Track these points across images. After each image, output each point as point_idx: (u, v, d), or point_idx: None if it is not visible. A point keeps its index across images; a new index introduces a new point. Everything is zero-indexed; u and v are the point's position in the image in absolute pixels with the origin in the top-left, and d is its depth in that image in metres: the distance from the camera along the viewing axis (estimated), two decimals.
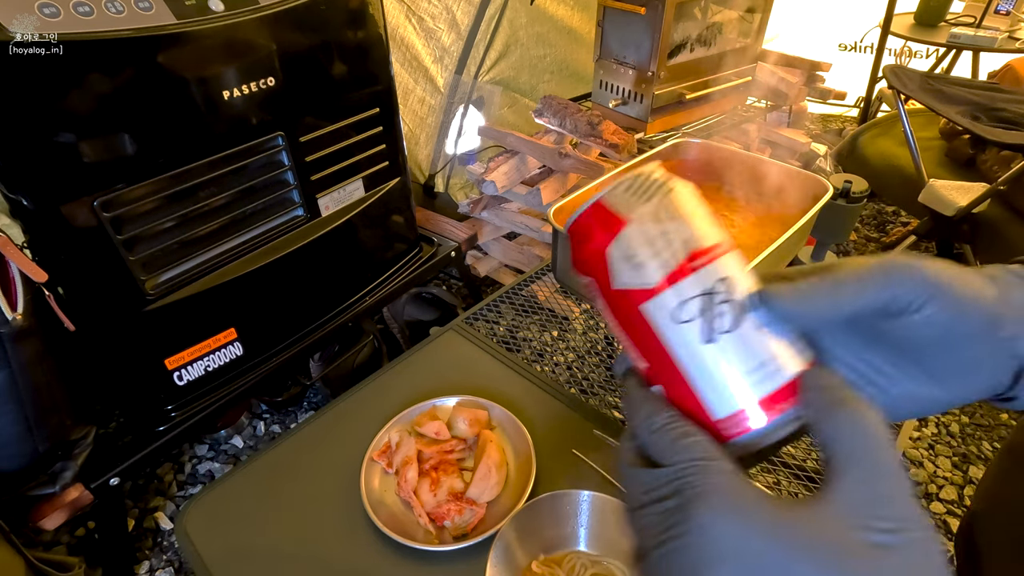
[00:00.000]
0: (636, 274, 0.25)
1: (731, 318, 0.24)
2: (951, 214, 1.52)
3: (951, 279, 0.26)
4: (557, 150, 1.44)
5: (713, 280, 0.25)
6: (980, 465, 1.37)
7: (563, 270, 0.69)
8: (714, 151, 0.82)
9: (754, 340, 0.25)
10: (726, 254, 0.25)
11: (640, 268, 0.25)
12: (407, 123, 1.78)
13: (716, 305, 0.24)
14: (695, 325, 0.24)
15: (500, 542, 0.52)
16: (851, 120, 2.84)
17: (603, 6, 1.47)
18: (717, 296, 0.24)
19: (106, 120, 0.79)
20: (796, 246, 0.69)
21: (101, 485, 0.95)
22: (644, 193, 0.26)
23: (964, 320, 0.26)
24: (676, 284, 0.25)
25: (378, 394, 0.74)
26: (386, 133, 1.17)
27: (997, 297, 0.27)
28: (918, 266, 0.26)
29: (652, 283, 0.25)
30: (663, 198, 0.25)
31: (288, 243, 1.06)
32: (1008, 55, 2.01)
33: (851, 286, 0.25)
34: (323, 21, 0.98)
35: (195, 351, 1.00)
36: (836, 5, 2.61)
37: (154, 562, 1.22)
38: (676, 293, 0.25)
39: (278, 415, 1.52)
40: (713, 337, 0.24)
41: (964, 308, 0.26)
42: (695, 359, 0.25)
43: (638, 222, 0.25)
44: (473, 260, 1.74)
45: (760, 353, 0.25)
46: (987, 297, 0.26)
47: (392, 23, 1.61)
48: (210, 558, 0.58)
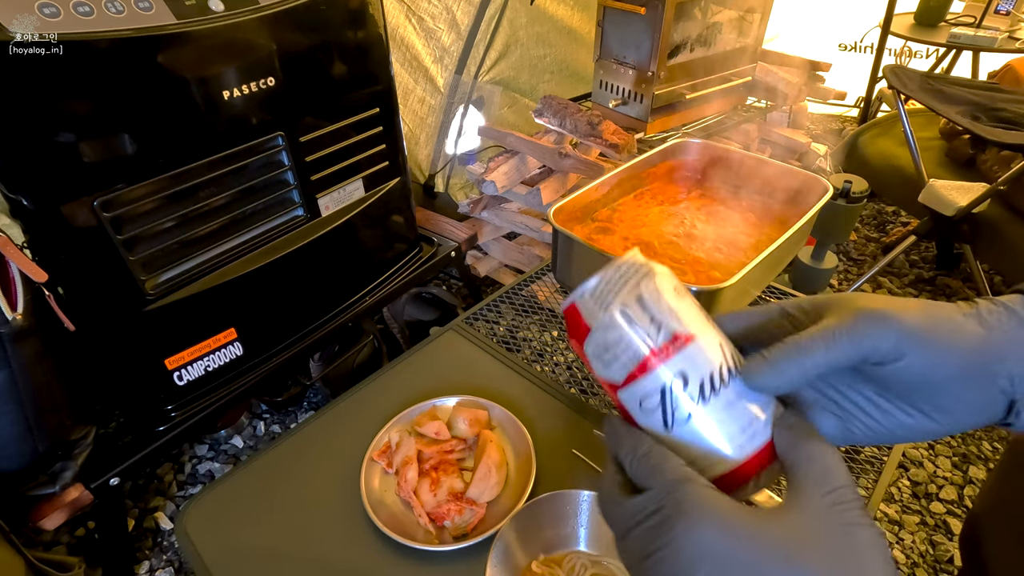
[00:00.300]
0: (605, 371, 0.29)
1: (685, 410, 0.28)
2: (951, 214, 1.52)
3: (927, 328, 0.27)
4: (557, 150, 1.44)
5: (668, 378, 0.27)
6: (980, 465, 1.37)
7: (563, 270, 0.69)
8: (714, 151, 0.82)
9: (721, 418, 0.28)
10: (684, 348, 0.28)
11: (607, 367, 0.29)
12: (407, 123, 1.78)
13: (671, 399, 0.28)
14: (658, 413, 0.28)
15: (500, 542, 0.52)
16: (851, 120, 2.84)
17: (603, 6, 1.47)
18: (670, 393, 0.28)
19: (106, 120, 0.79)
20: (796, 246, 0.69)
21: (101, 485, 0.95)
22: (607, 295, 0.28)
23: (944, 366, 0.27)
24: (634, 382, 0.28)
25: (378, 394, 0.74)
26: (386, 133, 1.17)
27: (982, 338, 0.27)
28: (893, 319, 0.27)
29: (617, 381, 0.29)
30: (625, 301, 0.28)
31: (288, 243, 1.06)
32: (1008, 55, 2.01)
33: (819, 355, 0.27)
34: (323, 21, 0.98)
35: (195, 351, 1.00)
36: (836, 5, 2.61)
37: (154, 562, 1.22)
38: (637, 389, 0.28)
39: (278, 415, 1.52)
40: (672, 425, 0.28)
41: (942, 356, 0.27)
42: (668, 440, 0.29)
43: (600, 330, 0.28)
44: (473, 260, 1.74)
45: (728, 427, 0.28)
46: (968, 341, 0.27)
47: (392, 23, 1.61)
48: (210, 558, 0.58)
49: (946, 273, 1.95)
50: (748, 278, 0.57)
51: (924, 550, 1.21)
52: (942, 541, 1.22)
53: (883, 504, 1.29)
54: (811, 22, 2.63)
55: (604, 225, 0.75)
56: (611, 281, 0.29)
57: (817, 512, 0.25)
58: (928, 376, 0.27)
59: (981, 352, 0.27)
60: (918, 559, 1.19)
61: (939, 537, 1.23)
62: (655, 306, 0.28)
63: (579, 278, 0.68)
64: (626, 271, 0.29)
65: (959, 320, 0.28)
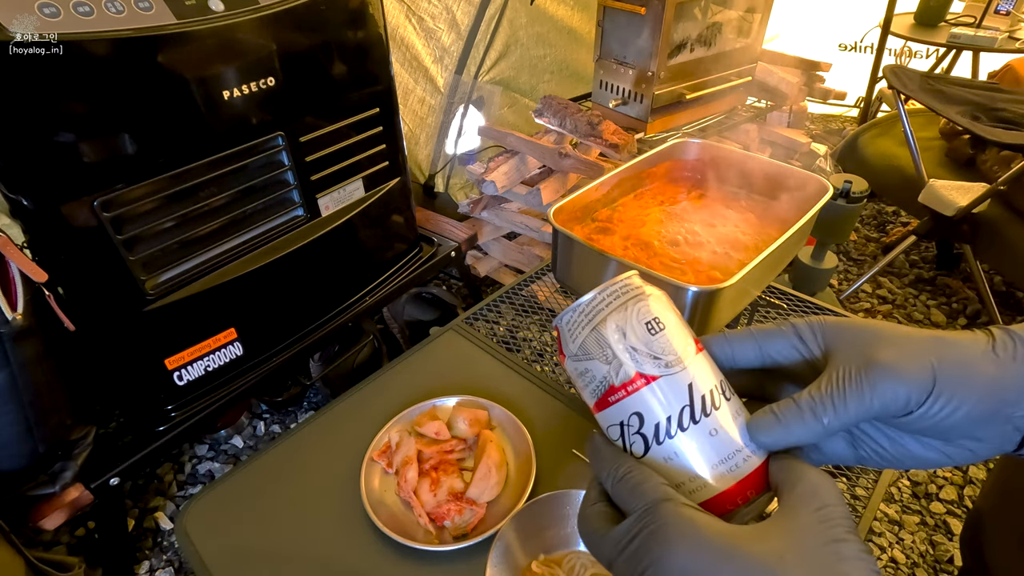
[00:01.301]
0: (581, 393, 0.31)
1: (643, 446, 0.28)
2: (951, 214, 1.52)
3: (940, 380, 0.27)
4: (557, 150, 1.44)
5: (627, 414, 0.28)
6: (980, 465, 1.37)
7: (563, 270, 0.69)
8: (714, 151, 0.82)
9: (703, 446, 0.28)
10: (647, 385, 0.28)
11: (582, 391, 0.30)
12: (407, 123, 1.78)
13: (630, 434, 0.28)
14: (638, 440, 0.29)
15: (500, 542, 0.52)
16: (851, 120, 2.84)
17: (603, 6, 1.47)
18: (629, 427, 0.28)
19: (106, 120, 0.79)
20: (796, 246, 0.69)
21: (101, 485, 0.95)
22: (582, 324, 0.29)
23: (956, 413, 0.27)
24: (600, 412, 0.30)
25: (378, 394, 0.74)
26: (386, 133, 1.17)
27: (996, 379, 0.27)
28: (904, 377, 0.27)
29: (590, 405, 0.30)
30: (597, 328, 0.29)
31: (288, 243, 1.06)
32: (1008, 55, 2.01)
33: (829, 418, 0.27)
34: (323, 21, 0.98)
35: (195, 351, 1.00)
36: (836, 5, 2.61)
37: (154, 562, 1.22)
38: (602, 419, 0.30)
39: (278, 415, 1.52)
40: (652, 449, 0.28)
41: (954, 404, 0.27)
42: (650, 462, 0.29)
43: (571, 360, 0.30)
44: (473, 260, 1.74)
45: (712, 454, 0.28)
46: (982, 385, 0.27)
47: (392, 23, 1.61)
48: (210, 558, 0.58)
49: (946, 273, 1.95)
50: (748, 278, 0.57)
51: (924, 550, 1.21)
52: (942, 541, 1.22)
53: (883, 504, 1.29)
54: (811, 22, 2.63)
55: (604, 225, 0.75)
56: (594, 305, 0.29)
57: (804, 528, 0.24)
58: (940, 423, 0.27)
59: (995, 395, 0.27)
60: (918, 559, 1.19)
61: (939, 537, 1.23)
62: (635, 334, 0.28)
63: (579, 278, 0.68)
64: (612, 294, 0.29)
65: (973, 362, 0.27)
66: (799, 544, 0.24)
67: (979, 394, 0.27)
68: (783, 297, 0.89)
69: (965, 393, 0.27)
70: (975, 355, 0.27)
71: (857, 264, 2.02)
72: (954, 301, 1.84)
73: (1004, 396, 0.27)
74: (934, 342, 0.28)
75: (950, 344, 0.28)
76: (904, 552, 1.20)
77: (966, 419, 0.27)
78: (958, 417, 0.27)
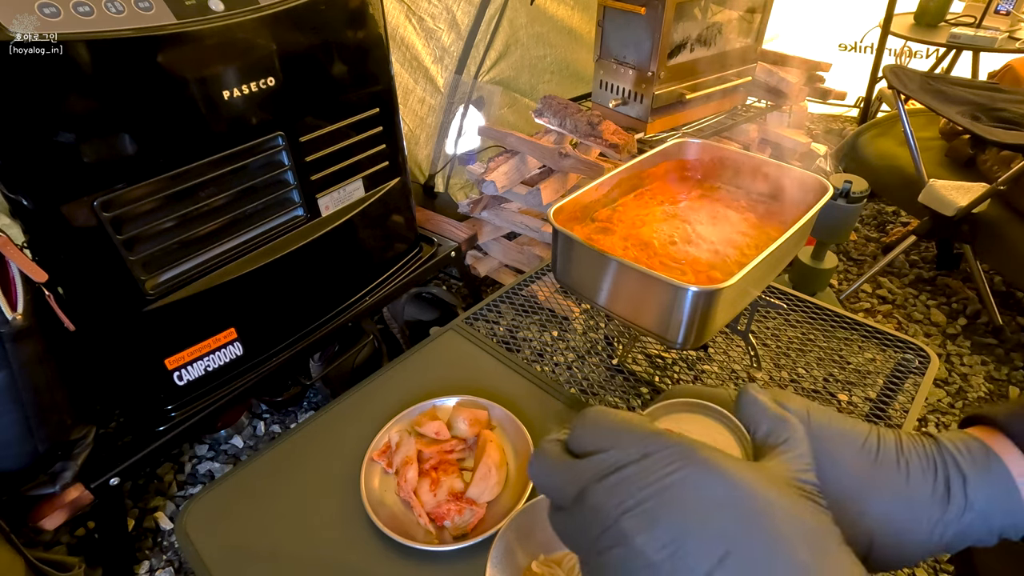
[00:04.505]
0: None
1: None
2: (951, 214, 1.52)
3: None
4: (557, 150, 1.44)
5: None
6: None
7: (563, 270, 0.69)
8: (714, 151, 0.82)
9: None
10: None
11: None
12: (407, 123, 1.78)
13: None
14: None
15: (500, 542, 0.52)
16: (851, 120, 2.84)
17: (603, 6, 1.47)
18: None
19: (106, 120, 0.79)
20: (796, 246, 0.69)
21: (101, 485, 0.95)
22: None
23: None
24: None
25: (378, 394, 0.74)
26: (386, 133, 1.17)
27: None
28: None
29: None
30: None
31: (288, 243, 1.06)
32: (1008, 55, 2.01)
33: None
34: (323, 21, 0.98)
35: (195, 351, 1.00)
36: (836, 5, 2.61)
37: (154, 562, 1.22)
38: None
39: (278, 415, 1.52)
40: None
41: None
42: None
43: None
44: (473, 260, 1.74)
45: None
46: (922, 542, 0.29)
47: (392, 23, 1.61)
48: (210, 558, 0.58)
49: (946, 273, 1.95)
50: (748, 278, 0.57)
51: None
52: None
53: None
54: (811, 22, 2.63)
55: (604, 225, 0.75)
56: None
57: (791, 466, 0.26)
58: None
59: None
60: None
61: None
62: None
63: (579, 278, 0.68)
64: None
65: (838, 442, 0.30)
66: (782, 485, 0.25)
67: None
68: (783, 297, 0.89)
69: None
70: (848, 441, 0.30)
71: (857, 264, 2.02)
72: (954, 301, 1.84)
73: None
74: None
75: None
76: None
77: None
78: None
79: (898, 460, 0.29)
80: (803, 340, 0.85)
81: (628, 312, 0.63)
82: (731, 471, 0.23)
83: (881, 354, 0.81)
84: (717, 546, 0.22)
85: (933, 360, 0.77)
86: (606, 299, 0.64)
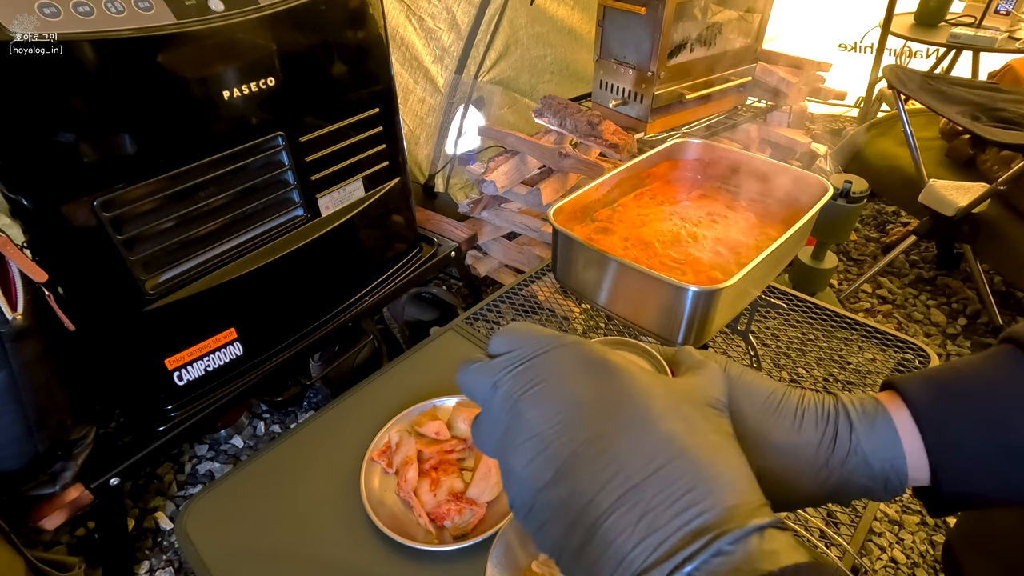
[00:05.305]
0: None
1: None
2: (951, 214, 1.52)
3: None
4: (557, 150, 1.44)
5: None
6: None
7: (563, 270, 0.69)
8: (714, 151, 0.82)
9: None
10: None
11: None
12: (407, 123, 1.78)
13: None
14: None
15: (500, 542, 0.52)
16: (851, 120, 2.84)
17: (603, 6, 1.47)
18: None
19: (106, 120, 0.79)
20: (796, 246, 0.69)
21: (101, 485, 0.95)
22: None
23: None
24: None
25: (378, 394, 0.74)
26: (386, 133, 1.17)
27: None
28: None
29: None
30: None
31: (288, 243, 1.06)
32: (1008, 55, 2.01)
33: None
34: (323, 21, 0.98)
35: (195, 351, 1.00)
36: (836, 5, 2.61)
37: (154, 562, 1.22)
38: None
39: (278, 415, 1.52)
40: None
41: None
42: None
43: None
44: (473, 260, 1.74)
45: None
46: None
47: (392, 23, 1.61)
48: (210, 558, 0.58)
49: (946, 273, 1.95)
50: (748, 278, 0.57)
51: (924, 550, 1.21)
52: (942, 541, 1.22)
53: (883, 504, 1.29)
54: (811, 22, 2.63)
55: (604, 225, 0.75)
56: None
57: (700, 388, 0.29)
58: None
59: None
60: (918, 559, 1.19)
61: (939, 537, 1.23)
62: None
63: (579, 278, 0.68)
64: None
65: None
66: (696, 403, 0.28)
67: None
68: (783, 297, 0.89)
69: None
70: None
71: (857, 264, 2.02)
72: (954, 301, 1.84)
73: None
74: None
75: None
76: (904, 552, 1.20)
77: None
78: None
79: (795, 412, 0.32)
80: (803, 340, 0.85)
81: (628, 312, 0.63)
82: (619, 364, 0.27)
83: (881, 354, 0.81)
84: (595, 423, 0.25)
85: (933, 360, 0.77)
86: (606, 299, 0.64)
